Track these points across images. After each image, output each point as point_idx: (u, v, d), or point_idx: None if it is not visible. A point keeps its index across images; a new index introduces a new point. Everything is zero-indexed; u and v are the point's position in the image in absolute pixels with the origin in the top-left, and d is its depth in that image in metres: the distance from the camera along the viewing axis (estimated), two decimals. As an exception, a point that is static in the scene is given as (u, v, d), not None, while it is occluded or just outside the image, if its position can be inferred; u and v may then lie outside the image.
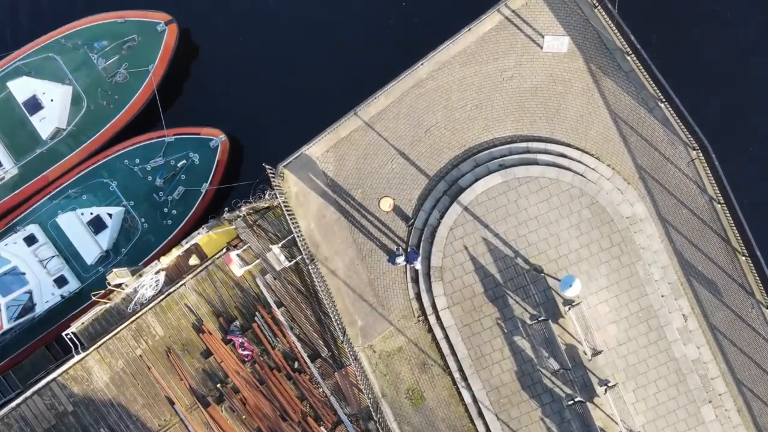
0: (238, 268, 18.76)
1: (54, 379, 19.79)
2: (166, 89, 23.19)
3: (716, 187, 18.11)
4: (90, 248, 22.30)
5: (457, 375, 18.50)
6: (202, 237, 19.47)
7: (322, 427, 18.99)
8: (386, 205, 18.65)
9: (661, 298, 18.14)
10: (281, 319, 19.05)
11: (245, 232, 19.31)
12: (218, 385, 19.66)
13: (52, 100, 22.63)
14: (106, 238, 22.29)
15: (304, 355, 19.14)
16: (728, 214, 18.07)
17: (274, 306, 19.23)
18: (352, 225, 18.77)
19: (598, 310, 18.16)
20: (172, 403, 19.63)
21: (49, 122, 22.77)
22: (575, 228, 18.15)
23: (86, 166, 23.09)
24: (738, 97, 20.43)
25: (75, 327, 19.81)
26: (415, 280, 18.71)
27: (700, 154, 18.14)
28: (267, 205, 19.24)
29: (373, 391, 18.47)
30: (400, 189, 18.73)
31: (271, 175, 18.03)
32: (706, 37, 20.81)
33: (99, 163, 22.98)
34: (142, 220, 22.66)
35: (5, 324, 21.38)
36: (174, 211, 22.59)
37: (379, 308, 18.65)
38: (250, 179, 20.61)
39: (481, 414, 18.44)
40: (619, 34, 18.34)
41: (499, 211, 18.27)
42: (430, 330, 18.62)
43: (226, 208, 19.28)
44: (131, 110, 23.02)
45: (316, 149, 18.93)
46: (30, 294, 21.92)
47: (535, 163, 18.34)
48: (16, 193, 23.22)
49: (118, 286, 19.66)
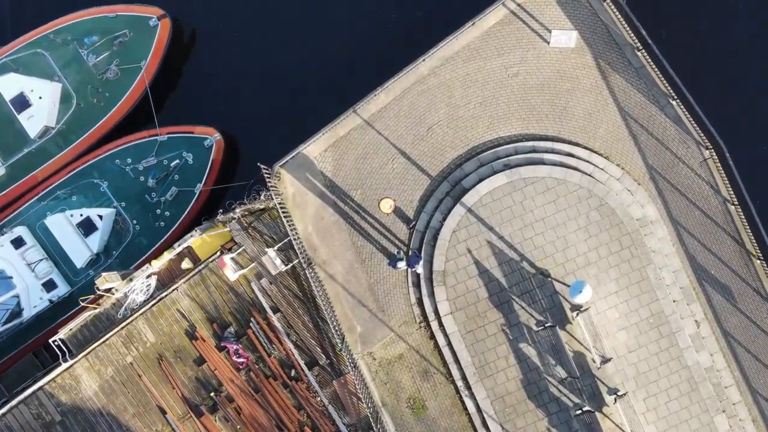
0: (232, 273, 18.45)
1: (41, 388, 19.42)
2: (159, 86, 22.90)
3: (730, 188, 17.82)
4: (80, 251, 22.03)
5: (460, 383, 18.21)
6: (195, 240, 19.14)
7: (319, 438, 18.93)
8: (386, 206, 18.40)
9: (673, 304, 17.86)
10: (277, 325, 18.81)
11: (240, 235, 19.03)
12: (212, 394, 19.32)
13: (40, 98, 22.34)
14: (96, 241, 22.00)
15: (301, 363, 18.89)
16: (742, 216, 17.84)
17: (270, 311, 18.93)
18: (351, 227, 18.50)
19: (608, 316, 17.86)
20: (164, 413, 19.34)
21: (37, 120, 22.50)
22: (583, 230, 17.84)
23: (76, 166, 22.80)
24: (753, 94, 20.21)
25: (63, 333, 19.40)
26: (417, 285, 18.40)
27: (714, 154, 17.86)
28: (262, 207, 18.91)
29: (372, 400, 18.18)
30: (401, 190, 18.48)
31: (266, 176, 17.68)
32: (719, 31, 20.51)
33: (89, 163, 22.68)
34: (134, 222, 22.41)
35: (-9, 329, 21.37)
36: (167, 213, 22.31)
37: (379, 314, 18.36)
38: (246, 179, 20.38)
39: (485, 424, 18.17)
40: (629, 29, 18.07)
41: (504, 213, 17.98)
42: (432, 336, 18.33)
43: (220, 210, 19.03)
44: (123, 108, 22.75)
45: (313, 148, 18.61)
46: (17, 298, 21.81)
47: (542, 162, 18.03)
48: (3, 194, 22.99)
49: (108, 290, 19.28)
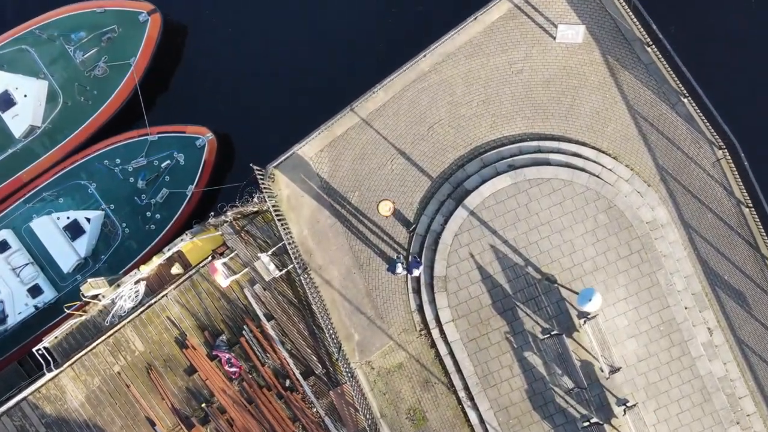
0: (223, 279, 18.08)
1: (24, 399, 18.99)
2: (149, 84, 22.46)
3: (744, 190, 17.57)
4: (67, 255, 21.56)
5: (462, 394, 17.92)
6: (186, 244, 18.78)
7: (315, 450, 18.67)
8: (385, 209, 18.13)
9: (685, 311, 17.54)
10: (271, 333, 18.55)
11: (232, 239, 18.69)
12: (203, 405, 18.97)
13: (25, 96, 21.93)
14: (84, 245, 21.58)
15: (297, 372, 18.61)
16: (757, 219, 17.58)
17: (263, 319, 18.64)
18: (349, 231, 18.24)
19: (616, 324, 17.54)
20: (153, 425, 19.06)
21: (22, 120, 22.04)
22: (591, 234, 17.52)
23: (63, 166, 22.33)
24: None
25: (47, 341, 18.98)
26: (417, 291, 18.11)
27: (727, 154, 17.57)
28: (256, 210, 18.59)
29: (371, 411, 17.97)
30: (401, 192, 18.18)
31: (259, 177, 17.32)
32: (732, 26, 20.11)
33: (76, 164, 22.22)
34: (123, 225, 22.01)
35: (-26, 337, 21.03)
36: (157, 216, 21.92)
37: (378, 321, 18.11)
38: (240, 181, 20.06)
39: (488, 436, 17.93)
40: (638, 23, 17.74)
41: (508, 216, 17.65)
42: (433, 345, 18.07)
43: (212, 213, 18.62)
44: (111, 107, 22.29)
45: (309, 148, 18.34)
46: (1, 304, 21.48)
47: (547, 163, 17.72)
48: (-13, 195, 22.79)
49: (94, 297, 18.87)
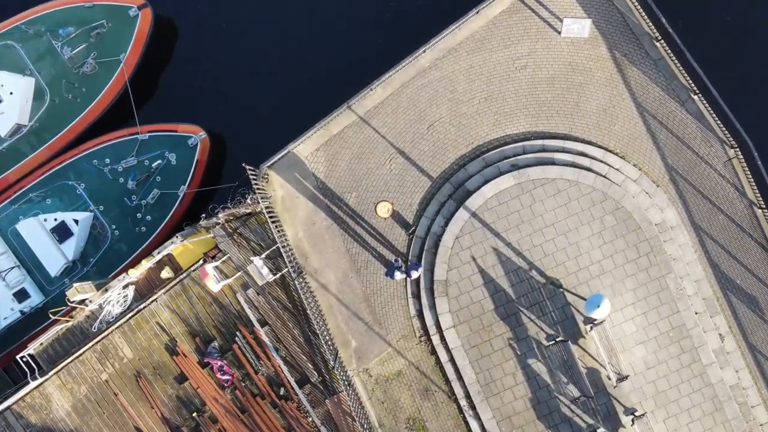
0: (214, 283, 17.80)
1: (8, 408, 18.81)
2: (140, 81, 22.38)
3: (757, 190, 17.35)
4: (54, 258, 21.37)
5: (463, 402, 17.64)
6: (176, 247, 18.60)
7: (311, 461, 18.47)
8: (384, 210, 17.84)
9: (695, 316, 17.26)
10: (265, 339, 18.33)
11: (224, 242, 18.41)
12: (194, 414, 18.74)
13: (11, 93, 21.77)
14: (72, 247, 21.38)
15: (291, 380, 18.36)
16: None
17: (257, 325, 18.42)
18: (346, 233, 17.99)
19: (624, 330, 17.26)
20: None
21: (8, 118, 21.87)
22: (598, 236, 17.28)
23: (50, 166, 22.19)
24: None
25: (32, 348, 18.80)
26: (417, 296, 17.84)
27: (739, 153, 17.34)
28: (249, 211, 18.29)
29: (369, 421, 17.67)
30: (400, 192, 17.89)
31: (252, 177, 17.01)
32: (743, 20, 19.92)
33: (64, 164, 22.07)
34: (113, 227, 21.82)
35: (-41, 343, 20.85)
36: (148, 217, 21.74)
37: (376, 327, 17.87)
38: (234, 181, 19.94)
39: (491, 447, 17.67)
40: (646, 17, 17.56)
41: (512, 218, 17.43)
42: (434, 352, 17.83)
43: (203, 215, 18.48)
44: (100, 105, 22.16)
45: (304, 148, 18.13)
46: None
47: (552, 163, 17.50)
48: (-28, 196, 22.59)
49: (81, 302, 18.60)
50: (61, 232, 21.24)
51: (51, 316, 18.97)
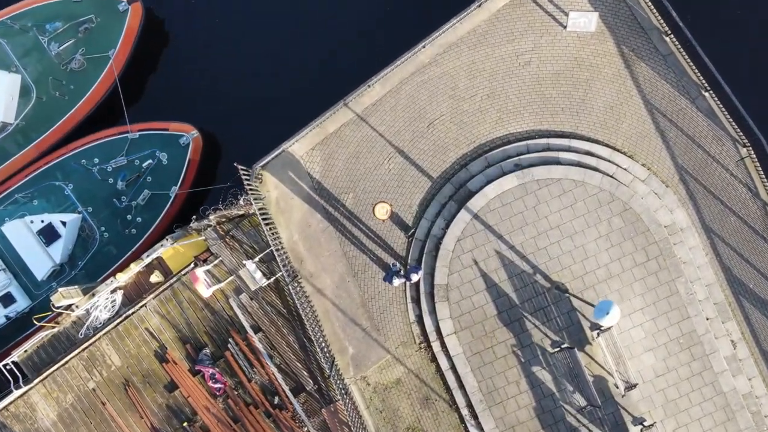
0: (205, 288, 17.49)
1: None
2: (130, 78, 22.09)
3: None
4: (41, 261, 20.99)
5: (465, 412, 17.43)
6: (166, 250, 18.28)
7: (307, 473, 18.33)
8: (382, 212, 17.62)
9: (706, 322, 17.00)
10: (259, 346, 18.11)
11: (216, 245, 18.10)
12: (185, 424, 18.54)
13: None
14: (59, 250, 20.99)
15: (286, 389, 18.15)
16: None
17: (250, 331, 18.17)
18: (342, 236, 17.75)
19: (632, 336, 17.00)
20: None
21: None
22: (605, 239, 17.05)
23: (37, 166, 21.86)
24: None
25: (16, 355, 18.54)
26: (417, 301, 17.60)
27: (752, 152, 17.00)
28: (242, 213, 17.99)
29: (366, 431, 17.48)
30: (399, 193, 17.70)
31: (245, 178, 16.70)
32: (756, 14, 19.62)
33: (52, 164, 21.74)
34: (102, 229, 21.45)
35: (-58, 350, 20.54)
36: (138, 219, 21.38)
37: (374, 333, 17.66)
38: (227, 182, 19.74)
39: (494, 458, 17.49)
40: (656, 11, 17.25)
41: (515, 220, 17.21)
42: (434, 359, 17.60)
43: (194, 217, 18.20)
44: (89, 102, 21.82)
45: (299, 147, 17.88)
46: None
47: (557, 162, 17.30)
48: (-44, 197, 22.33)
49: (67, 307, 18.32)
50: (48, 235, 20.93)
51: (35, 322, 18.68)
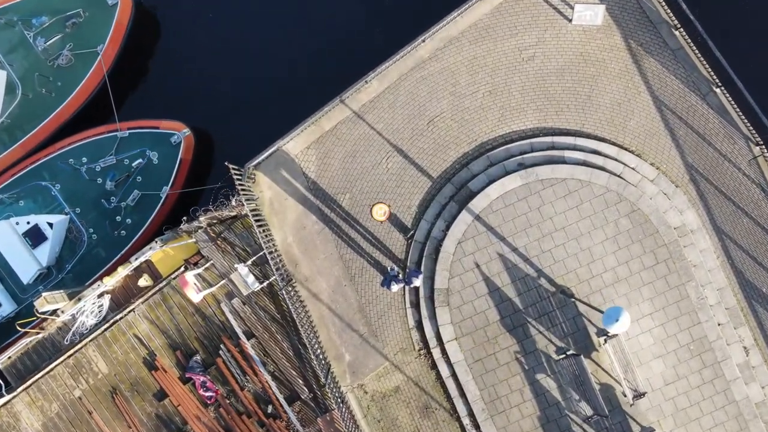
0: (195, 293, 17.07)
1: None
2: (119, 75, 21.74)
3: None
4: (27, 264, 20.41)
5: (466, 421, 17.14)
6: (156, 252, 17.86)
7: (302, 484, 17.89)
8: (380, 213, 17.35)
9: (718, 328, 16.67)
10: (251, 353, 17.79)
11: (207, 247, 17.67)
12: None
13: None
14: (45, 252, 20.42)
15: (280, 397, 17.86)
16: None
17: (242, 337, 17.85)
18: (339, 238, 17.46)
19: (641, 342, 16.69)
20: None
21: None
22: (612, 241, 16.74)
23: (23, 166, 21.40)
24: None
25: (0, 362, 18.19)
26: (416, 306, 17.29)
27: (765, 150, 16.82)
28: (234, 214, 17.56)
29: None
30: (397, 194, 17.41)
31: (236, 177, 16.23)
32: (767, 5, 19.26)
33: (38, 163, 21.30)
34: (90, 231, 20.89)
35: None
36: (128, 220, 20.85)
37: (372, 339, 17.36)
38: (219, 182, 19.28)
39: (496, 469, 17.20)
40: (665, 3, 17.05)
41: (519, 221, 16.91)
42: (434, 366, 17.33)
43: (184, 218, 17.71)
44: (77, 100, 21.43)
45: (294, 145, 17.62)
46: None
47: (562, 161, 17.06)
48: (-61, 197, 21.82)
49: (53, 313, 17.83)
50: (35, 236, 20.38)
51: (19, 328, 18.22)
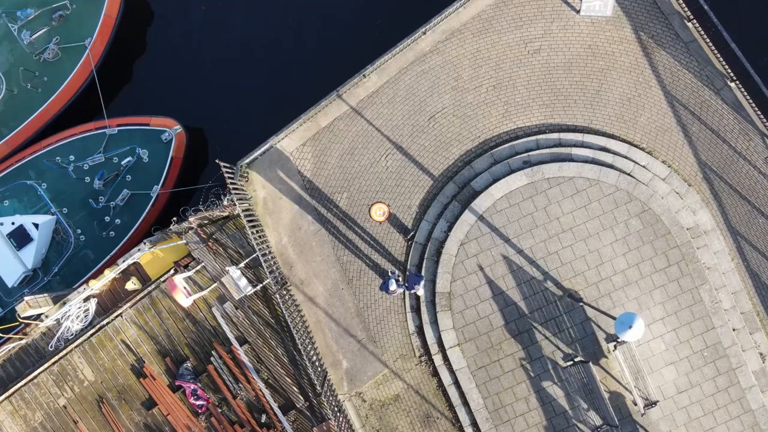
0: (184, 297, 16.52)
1: None
2: (108, 70, 21.51)
3: None
4: (12, 266, 20.15)
5: (469, 430, 16.73)
6: (144, 254, 17.43)
7: (297, 497, 17.41)
8: (379, 213, 16.97)
9: (733, 333, 16.21)
10: (244, 359, 17.33)
11: (198, 249, 17.09)
12: None
13: None
14: (31, 254, 20.10)
15: (274, 406, 17.41)
16: None
17: (235, 343, 17.38)
18: (336, 239, 17.03)
19: (652, 349, 16.25)
20: None
21: None
22: (622, 243, 16.31)
23: (7, 164, 21.23)
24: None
25: None
26: (417, 310, 16.91)
27: None
28: (226, 214, 17.01)
29: None
30: (397, 193, 17.01)
31: (228, 176, 15.70)
32: None
33: (24, 161, 21.06)
34: (78, 232, 20.50)
35: None
36: (117, 221, 20.45)
37: (370, 345, 16.96)
38: (210, 180, 19.06)
39: (501, 482, 16.75)
40: None
41: (524, 222, 16.49)
42: (436, 373, 16.92)
43: (174, 219, 17.21)
44: (64, 96, 21.16)
45: (289, 142, 17.19)
46: None
47: (570, 159, 16.68)
48: None
49: (36, 318, 17.42)
50: (20, 238, 20.05)
51: (1, 334, 17.74)
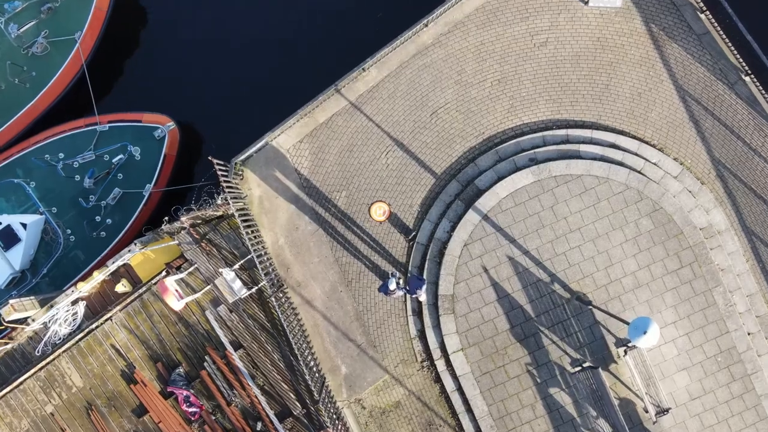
0: (176, 300, 16.03)
1: None
2: (99, 64, 21.20)
3: None
4: None
5: None
6: (135, 256, 17.02)
7: (294, 508, 16.90)
8: (379, 212, 16.70)
9: (748, 337, 15.83)
10: (239, 365, 16.98)
11: (191, 250, 16.64)
12: None
13: None
14: (19, 255, 19.69)
15: (270, 413, 17.04)
16: None
17: (229, 348, 17.00)
18: (334, 240, 16.72)
19: (664, 354, 15.88)
20: None
21: None
22: (632, 243, 15.96)
23: None
24: None
25: None
26: (418, 313, 16.56)
27: None
28: (220, 214, 16.58)
29: None
30: (398, 191, 16.77)
31: (221, 174, 15.26)
32: None
33: (11, 159, 20.72)
34: (68, 232, 20.13)
35: None
36: (108, 221, 20.09)
37: (370, 350, 16.61)
38: (203, 179, 18.94)
39: (506, 493, 16.35)
40: None
41: (530, 221, 16.16)
42: (438, 379, 16.59)
43: (166, 218, 16.87)
44: (53, 91, 20.87)
45: (285, 139, 16.84)
46: None
47: (578, 156, 16.35)
48: None
49: (21, 321, 16.92)
50: (7, 238, 19.63)
51: None
